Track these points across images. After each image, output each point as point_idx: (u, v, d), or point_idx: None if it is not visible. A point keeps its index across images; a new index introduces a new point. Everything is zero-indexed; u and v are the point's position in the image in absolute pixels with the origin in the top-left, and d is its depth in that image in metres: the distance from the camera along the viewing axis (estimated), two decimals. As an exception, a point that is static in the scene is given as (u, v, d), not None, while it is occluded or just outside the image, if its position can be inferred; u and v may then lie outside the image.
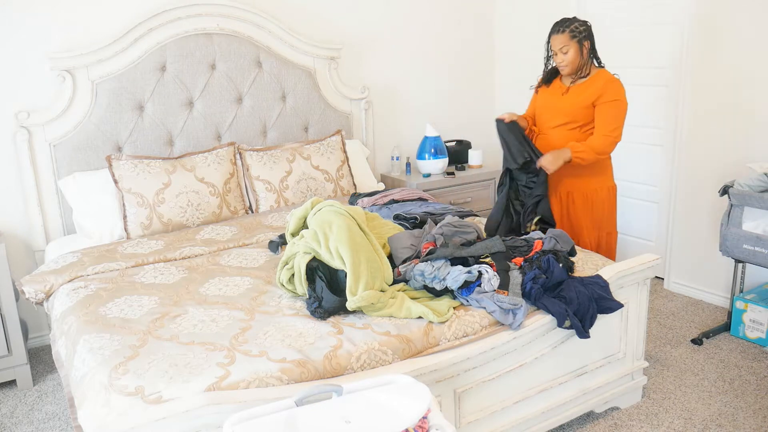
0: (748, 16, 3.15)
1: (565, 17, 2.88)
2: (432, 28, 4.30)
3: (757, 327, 3.06)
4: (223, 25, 3.42)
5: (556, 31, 2.85)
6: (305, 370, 1.80)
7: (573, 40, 2.81)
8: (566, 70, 2.88)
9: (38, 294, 2.52)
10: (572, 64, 2.85)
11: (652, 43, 3.65)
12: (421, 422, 1.48)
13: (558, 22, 2.86)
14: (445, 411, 2.01)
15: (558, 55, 2.86)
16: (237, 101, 3.52)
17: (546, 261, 2.28)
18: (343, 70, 3.93)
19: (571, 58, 2.83)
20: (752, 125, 3.22)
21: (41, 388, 2.93)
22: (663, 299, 3.64)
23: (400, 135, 4.30)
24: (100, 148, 3.17)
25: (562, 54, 2.84)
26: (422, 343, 2.00)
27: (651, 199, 3.84)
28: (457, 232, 2.46)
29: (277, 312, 2.13)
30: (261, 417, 1.46)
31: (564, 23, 2.83)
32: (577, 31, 2.81)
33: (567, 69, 2.88)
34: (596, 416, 2.55)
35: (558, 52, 2.85)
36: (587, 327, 2.19)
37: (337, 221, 2.22)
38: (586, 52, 2.85)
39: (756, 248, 2.85)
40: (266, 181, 3.34)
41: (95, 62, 3.14)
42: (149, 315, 2.14)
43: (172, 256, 2.71)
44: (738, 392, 2.69)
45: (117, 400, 1.68)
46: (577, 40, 2.82)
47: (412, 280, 2.24)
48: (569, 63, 2.85)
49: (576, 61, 2.85)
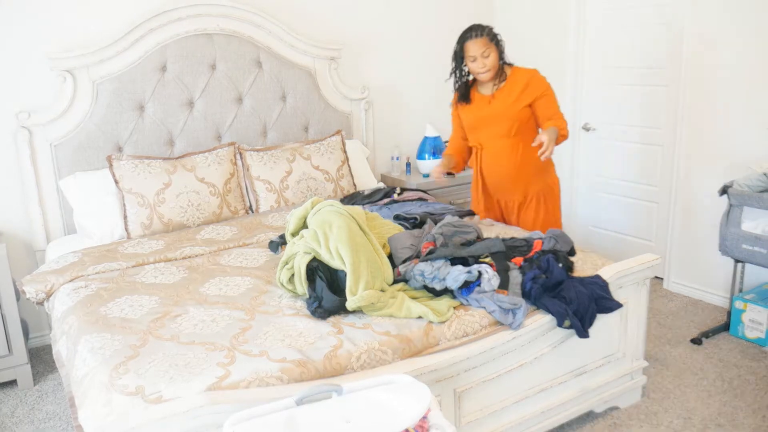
0: (747, 16, 3.15)
1: (474, 23, 2.81)
2: (432, 28, 4.30)
3: (757, 327, 3.06)
4: (223, 26, 3.43)
5: (474, 36, 2.75)
6: (305, 369, 1.80)
7: (492, 42, 2.75)
8: (487, 75, 2.79)
9: (39, 294, 2.53)
10: (494, 68, 2.77)
11: (651, 43, 3.65)
12: (421, 422, 1.48)
13: (472, 28, 2.78)
14: (445, 411, 2.01)
15: (478, 60, 2.76)
16: (237, 101, 3.53)
17: (546, 261, 2.29)
18: (343, 70, 3.94)
19: (492, 61, 2.76)
20: (751, 125, 3.22)
21: (42, 387, 2.93)
22: (663, 299, 3.64)
23: (400, 135, 4.30)
24: (101, 148, 3.18)
25: (482, 58, 2.75)
26: (422, 342, 2.01)
27: (651, 199, 3.85)
28: (457, 231, 2.47)
29: (277, 312, 2.14)
30: (261, 417, 1.46)
31: (479, 28, 2.77)
32: (492, 34, 2.77)
33: (489, 74, 2.78)
34: (596, 416, 2.55)
35: (479, 57, 2.75)
36: (587, 327, 2.19)
37: (337, 221, 2.22)
38: (502, 54, 2.81)
39: (755, 248, 2.85)
40: (266, 181, 3.35)
41: (96, 62, 3.14)
42: (150, 315, 2.15)
43: (173, 256, 2.71)
44: (737, 392, 2.69)
45: (117, 399, 1.68)
46: (495, 43, 2.77)
47: (412, 279, 2.25)
48: (492, 67, 2.77)
49: (496, 65, 2.78)
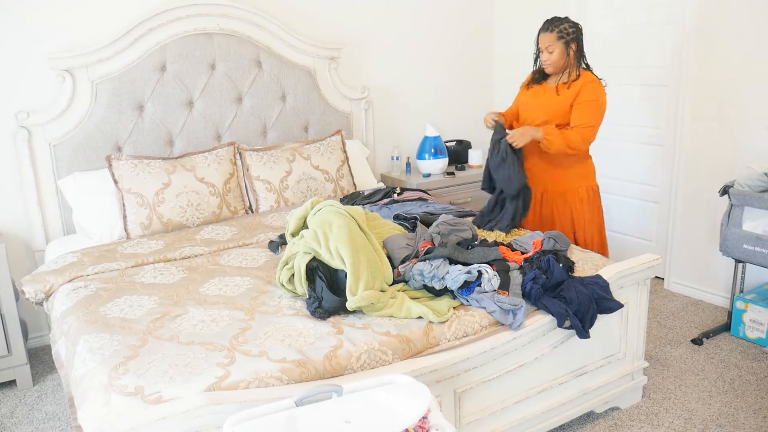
0: (747, 15, 3.15)
1: (557, 16, 2.85)
2: (432, 28, 4.30)
3: (757, 327, 3.05)
4: (223, 25, 3.42)
5: (545, 29, 2.82)
6: (305, 370, 1.80)
7: (560, 41, 2.79)
8: (549, 69, 2.87)
9: (38, 294, 2.52)
10: (555, 64, 2.83)
11: (651, 42, 3.65)
12: (421, 422, 1.48)
13: (549, 20, 2.84)
14: (445, 411, 2.01)
15: (543, 53, 2.85)
16: (237, 101, 3.52)
17: (546, 261, 2.28)
18: (343, 70, 3.93)
19: (555, 58, 2.82)
20: (752, 125, 3.22)
21: (41, 388, 2.93)
22: (663, 299, 3.63)
23: (400, 135, 4.30)
24: (100, 148, 3.17)
25: (547, 53, 2.83)
26: (422, 343, 2.00)
27: (651, 199, 3.84)
28: (453, 230, 2.48)
29: (277, 312, 2.13)
30: (261, 417, 1.46)
31: (554, 22, 2.81)
32: (565, 32, 2.79)
33: (550, 68, 2.86)
34: (596, 416, 2.55)
35: (544, 50, 2.84)
36: (587, 327, 2.19)
37: (337, 221, 2.22)
38: (573, 54, 2.83)
39: (756, 248, 2.85)
40: (266, 181, 3.34)
41: (95, 62, 3.14)
42: (149, 315, 2.14)
43: (172, 256, 2.71)
44: (738, 392, 2.69)
45: (117, 400, 1.68)
46: (564, 42, 2.80)
47: (411, 280, 2.24)
48: (553, 63, 2.83)
49: (559, 62, 2.83)
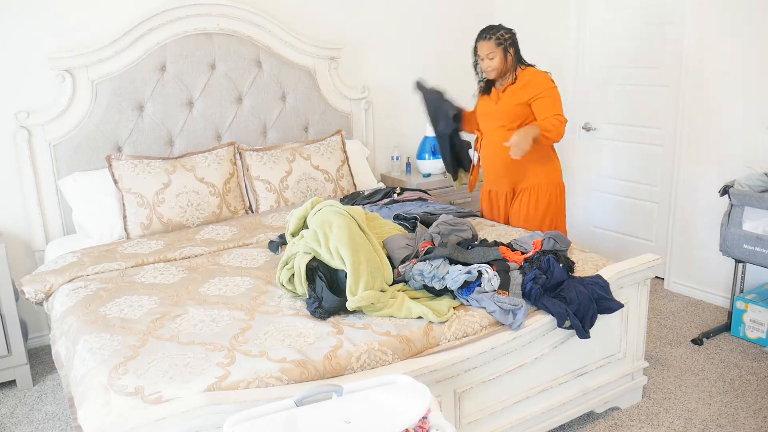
0: (747, 15, 3.15)
1: (491, 24, 2.99)
2: (432, 28, 4.30)
3: (758, 327, 3.05)
4: (223, 25, 3.42)
5: (482, 38, 2.94)
6: (305, 370, 1.80)
7: (499, 47, 2.92)
8: (492, 74, 2.98)
9: (38, 294, 2.52)
10: (497, 69, 2.95)
11: (651, 42, 3.65)
12: (421, 422, 1.48)
13: (484, 30, 2.96)
14: (445, 411, 2.01)
15: (484, 60, 2.96)
16: (237, 101, 3.52)
17: (546, 261, 2.28)
18: (343, 70, 3.93)
19: (496, 64, 2.94)
20: (752, 125, 3.22)
21: (41, 388, 2.93)
22: (663, 299, 3.63)
23: (400, 135, 4.30)
24: (100, 148, 3.17)
25: (488, 60, 2.94)
26: (422, 343, 2.00)
27: (651, 199, 3.84)
28: (453, 230, 2.48)
29: (277, 312, 2.13)
30: (261, 417, 1.46)
31: (490, 30, 2.93)
32: (502, 39, 2.92)
33: (493, 74, 2.98)
34: (596, 416, 2.54)
35: (484, 58, 2.95)
36: (587, 327, 2.19)
37: (337, 221, 2.22)
38: (511, 59, 2.95)
39: (756, 248, 2.84)
40: (266, 181, 3.34)
41: (95, 62, 3.14)
42: (149, 315, 2.14)
43: (172, 256, 2.70)
44: (738, 392, 2.69)
45: (117, 400, 1.68)
46: (503, 48, 2.92)
47: (411, 280, 2.24)
48: (495, 68, 2.95)
49: (500, 67, 2.95)
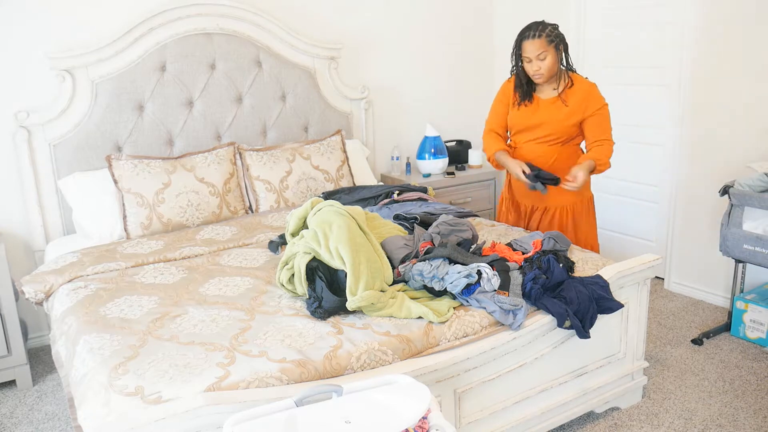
0: (747, 15, 3.15)
1: (535, 21, 2.64)
2: (432, 28, 4.30)
3: (758, 327, 3.05)
4: (222, 25, 3.42)
5: (530, 37, 2.58)
6: (305, 370, 1.80)
7: (551, 45, 2.57)
8: (542, 78, 2.64)
9: (38, 294, 2.52)
10: (550, 70, 2.61)
11: (652, 42, 3.65)
12: (421, 422, 1.48)
13: (529, 27, 2.61)
14: (445, 411, 2.01)
15: (533, 62, 2.60)
16: (237, 101, 3.52)
17: (546, 261, 2.28)
18: (343, 70, 3.93)
19: (549, 65, 2.59)
20: (752, 125, 3.22)
21: (41, 388, 2.93)
22: (663, 299, 3.63)
23: (400, 135, 4.30)
24: (100, 148, 3.17)
25: (538, 61, 2.58)
26: (422, 343, 2.00)
27: (651, 199, 3.84)
28: (453, 230, 2.48)
29: (277, 312, 2.13)
30: (261, 417, 1.45)
31: (537, 27, 2.59)
32: (553, 35, 2.57)
33: (543, 77, 2.63)
34: (596, 416, 2.54)
35: (534, 59, 2.59)
36: (587, 327, 2.19)
37: (337, 221, 2.22)
38: (562, 57, 2.63)
39: (756, 248, 2.84)
40: (266, 181, 3.34)
41: (95, 62, 3.14)
42: (149, 315, 2.14)
43: (172, 256, 2.70)
44: (738, 392, 2.69)
45: (117, 400, 1.68)
46: (554, 45, 2.58)
47: (411, 280, 2.24)
48: (548, 69, 2.60)
49: (554, 68, 2.61)
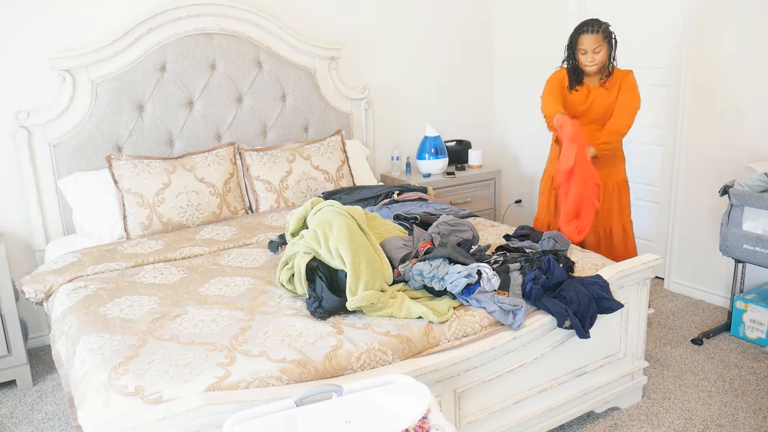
0: (747, 15, 3.15)
1: (591, 18, 3.01)
2: (432, 28, 4.30)
3: (757, 327, 3.05)
4: (222, 25, 3.42)
5: (588, 32, 2.92)
6: (305, 370, 1.80)
7: (605, 40, 2.93)
8: (594, 69, 2.98)
9: (38, 294, 2.52)
10: (601, 63, 2.96)
11: (651, 42, 3.65)
12: (421, 422, 1.48)
13: (588, 23, 2.95)
14: (445, 411, 2.01)
15: (588, 54, 2.94)
16: (237, 101, 3.52)
17: (546, 261, 2.28)
18: (343, 70, 3.93)
19: (601, 58, 2.95)
20: (752, 125, 3.22)
21: (41, 388, 2.93)
22: (663, 299, 3.63)
23: (400, 135, 4.30)
24: (100, 148, 3.17)
25: (593, 54, 2.94)
26: (422, 343, 2.00)
27: (651, 199, 3.84)
28: (453, 230, 2.48)
29: (277, 312, 2.13)
30: (261, 417, 1.46)
31: (597, 23, 2.93)
32: (608, 32, 2.95)
33: (595, 68, 2.97)
34: (596, 416, 2.55)
35: (589, 52, 2.94)
36: (587, 327, 2.19)
37: (337, 221, 2.22)
38: (612, 52, 2.98)
39: (756, 248, 2.84)
40: (266, 181, 3.34)
41: (95, 62, 3.14)
42: (149, 315, 2.14)
43: (172, 256, 2.70)
44: (738, 392, 2.69)
45: (117, 400, 1.68)
46: (608, 41, 2.94)
47: (411, 280, 2.24)
48: (600, 62, 2.96)
49: (604, 61, 2.97)
